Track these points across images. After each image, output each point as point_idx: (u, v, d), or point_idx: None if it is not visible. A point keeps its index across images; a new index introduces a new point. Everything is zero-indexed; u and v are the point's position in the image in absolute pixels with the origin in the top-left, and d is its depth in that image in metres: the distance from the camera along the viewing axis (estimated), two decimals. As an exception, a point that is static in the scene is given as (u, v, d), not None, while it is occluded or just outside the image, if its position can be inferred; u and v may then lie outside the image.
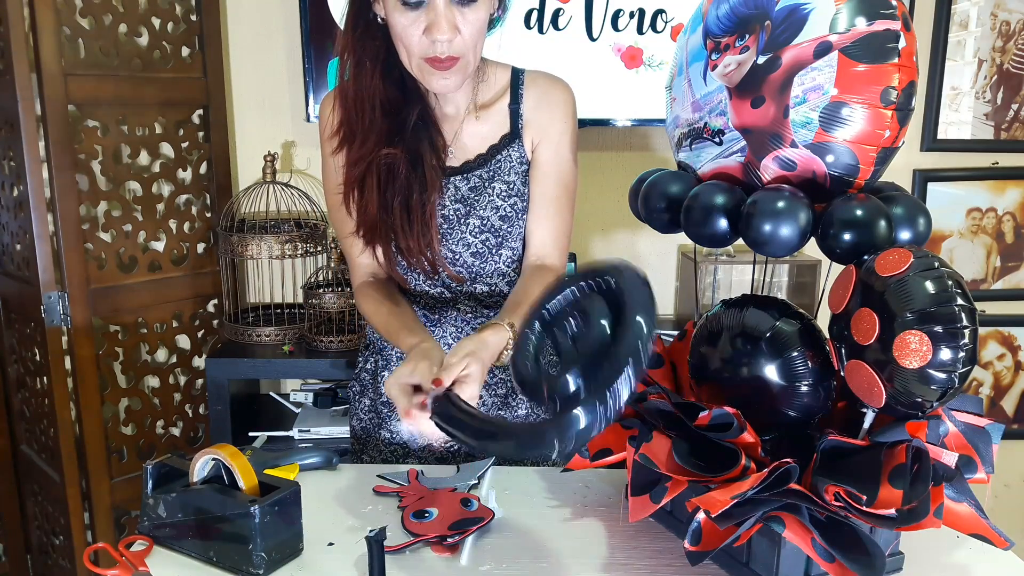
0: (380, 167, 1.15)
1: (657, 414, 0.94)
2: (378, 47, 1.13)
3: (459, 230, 1.20)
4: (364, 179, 1.16)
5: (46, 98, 1.68)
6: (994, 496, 2.45)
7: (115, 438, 1.91)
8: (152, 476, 0.96)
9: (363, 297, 1.24)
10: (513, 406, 1.27)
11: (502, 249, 1.23)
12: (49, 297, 1.74)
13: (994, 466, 0.90)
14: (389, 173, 1.16)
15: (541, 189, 1.22)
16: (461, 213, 1.20)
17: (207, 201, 2.03)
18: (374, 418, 1.30)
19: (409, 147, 1.16)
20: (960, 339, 0.76)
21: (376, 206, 1.16)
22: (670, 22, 1.96)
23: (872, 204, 0.87)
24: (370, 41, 1.13)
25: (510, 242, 1.23)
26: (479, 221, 1.20)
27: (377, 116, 1.15)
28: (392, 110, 1.16)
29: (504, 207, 1.21)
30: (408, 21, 1.06)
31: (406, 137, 1.16)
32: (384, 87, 1.14)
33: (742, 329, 0.93)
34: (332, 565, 0.93)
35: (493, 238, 1.21)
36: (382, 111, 1.15)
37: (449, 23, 1.05)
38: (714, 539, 0.84)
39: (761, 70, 0.90)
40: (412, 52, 1.09)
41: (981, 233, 2.30)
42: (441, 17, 1.04)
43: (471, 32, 1.08)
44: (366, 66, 1.14)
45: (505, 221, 1.21)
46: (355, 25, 1.13)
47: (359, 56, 1.14)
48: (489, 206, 1.20)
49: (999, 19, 2.16)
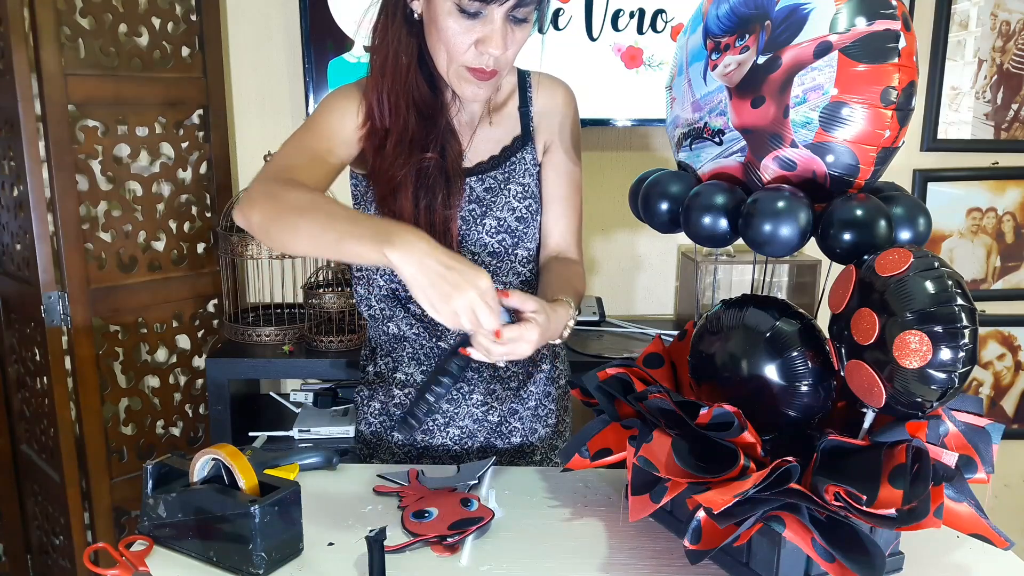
0: (413, 173, 1.14)
1: (658, 413, 0.94)
2: (412, 43, 1.12)
3: (476, 231, 1.21)
4: (401, 184, 1.15)
5: (46, 98, 1.68)
6: (994, 496, 2.45)
7: (115, 438, 1.91)
8: (152, 476, 0.96)
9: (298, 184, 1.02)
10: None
11: (518, 249, 1.24)
12: (49, 297, 1.74)
13: (994, 466, 0.90)
14: (419, 178, 1.15)
15: (555, 189, 1.26)
16: (477, 214, 1.21)
17: (207, 201, 2.03)
18: (385, 421, 1.30)
19: (439, 152, 1.16)
20: (960, 339, 0.76)
21: (411, 211, 1.15)
22: (670, 22, 1.96)
23: (872, 204, 0.87)
24: (406, 36, 1.12)
25: (526, 242, 1.25)
26: (496, 222, 1.21)
27: (412, 117, 1.14)
28: (426, 112, 1.15)
29: (520, 208, 1.22)
30: (461, 28, 1.04)
31: (437, 142, 1.15)
32: (419, 85, 1.13)
33: (742, 329, 0.93)
34: (332, 565, 0.93)
35: (509, 238, 1.23)
36: (416, 112, 1.14)
37: (504, 39, 1.05)
38: (714, 538, 0.84)
39: (761, 70, 0.90)
40: (455, 58, 1.07)
41: (981, 233, 2.30)
42: (498, 32, 1.04)
43: (515, 50, 1.09)
44: (402, 61, 1.12)
45: (521, 222, 1.23)
46: (392, 16, 1.12)
47: (396, 49, 1.12)
48: (506, 207, 1.21)
49: (999, 19, 2.16)
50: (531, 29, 1.09)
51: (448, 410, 1.26)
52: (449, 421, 1.26)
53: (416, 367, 1.26)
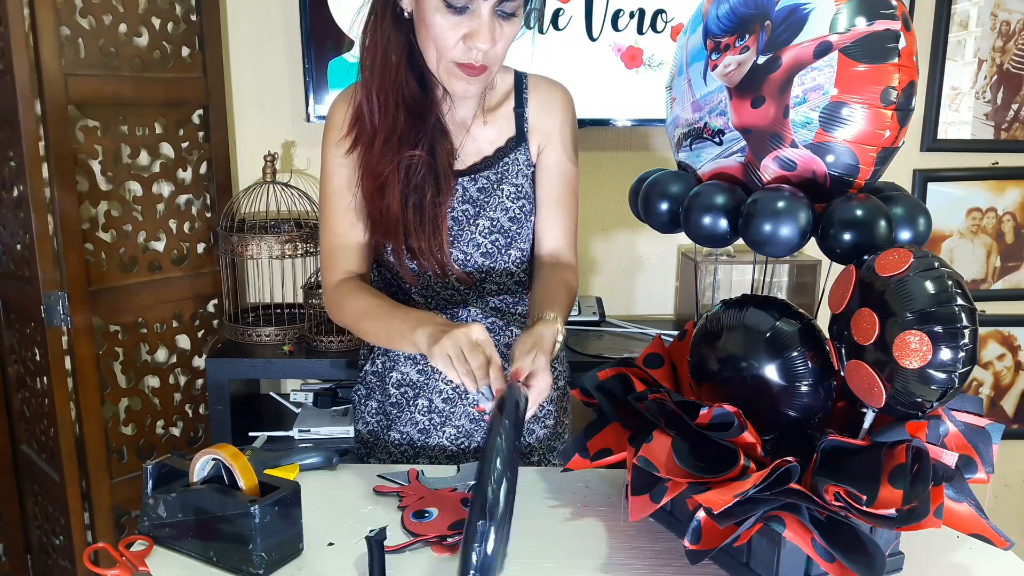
0: (401, 169, 1.15)
1: (658, 413, 0.94)
2: (402, 42, 1.13)
3: (469, 231, 1.21)
4: (387, 181, 1.16)
5: (46, 98, 1.68)
6: (994, 496, 2.45)
7: (115, 438, 1.91)
8: (152, 476, 0.96)
9: (352, 289, 1.19)
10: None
11: (511, 249, 1.24)
12: (49, 297, 1.74)
13: (994, 466, 0.90)
14: (407, 175, 1.16)
15: (549, 191, 1.25)
16: (470, 214, 1.21)
17: (207, 201, 2.03)
18: (382, 420, 1.30)
19: (428, 150, 1.16)
20: (960, 339, 0.76)
21: (398, 208, 1.16)
22: (670, 22, 1.96)
23: (872, 204, 0.87)
24: (395, 34, 1.12)
25: (519, 243, 1.25)
26: (489, 222, 1.21)
27: (401, 115, 1.14)
28: (415, 110, 1.15)
29: (513, 208, 1.22)
30: (449, 24, 1.05)
31: (426, 140, 1.16)
32: (408, 83, 1.14)
33: (742, 329, 0.93)
34: (332, 565, 0.93)
35: (503, 239, 1.23)
36: (405, 110, 1.15)
37: (491, 33, 1.05)
38: (714, 538, 0.84)
39: (761, 70, 0.90)
40: (444, 54, 1.08)
41: (981, 233, 2.30)
42: (485, 27, 1.05)
43: (504, 45, 1.09)
44: (391, 59, 1.13)
45: (515, 223, 1.23)
46: (382, 15, 1.12)
47: (385, 48, 1.13)
48: (499, 208, 1.21)
49: (999, 19, 2.16)
50: (520, 24, 1.10)
51: (444, 409, 1.26)
52: (445, 421, 1.26)
53: (412, 366, 1.27)
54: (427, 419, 1.26)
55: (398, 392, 1.27)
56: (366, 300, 1.16)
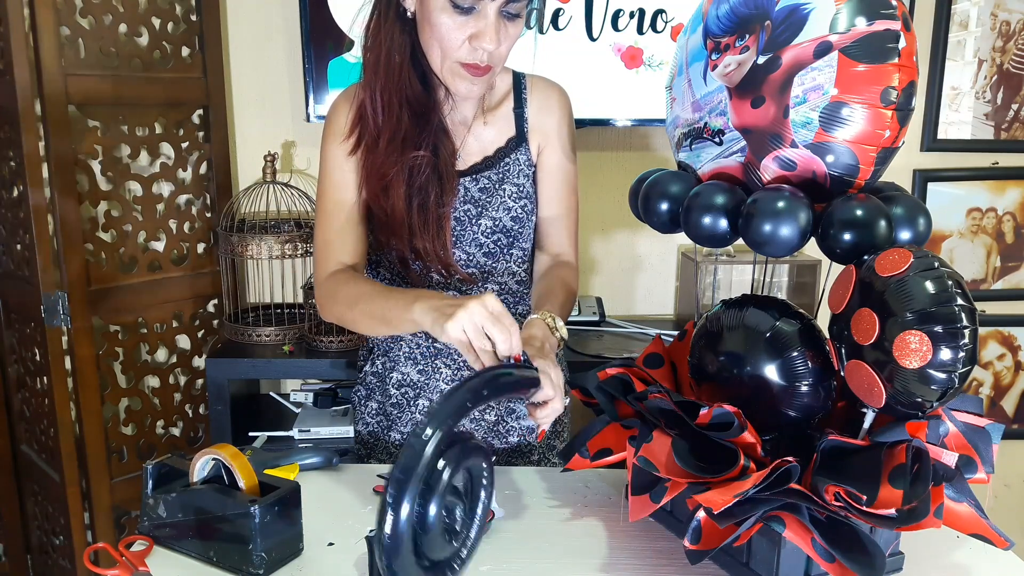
0: (405, 170, 1.15)
1: (658, 413, 0.94)
2: (405, 42, 1.13)
3: (471, 231, 1.21)
4: (392, 181, 1.15)
5: (46, 98, 1.68)
6: (994, 496, 2.45)
7: (115, 438, 1.91)
8: (152, 476, 0.96)
9: (347, 278, 1.16)
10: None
11: (513, 249, 1.25)
12: (49, 297, 1.74)
13: (994, 466, 0.90)
14: (411, 176, 1.16)
15: (550, 190, 1.26)
16: (472, 214, 1.21)
17: (207, 201, 2.03)
18: (383, 421, 1.30)
19: (431, 150, 1.16)
20: (960, 339, 0.76)
21: (403, 209, 1.16)
22: (670, 22, 1.96)
23: (872, 204, 0.87)
24: (399, 34, 1.12)
25: (520, 242, 1.25)
26: (491, 222, 1.22)
27: (404, 115, 1.14)
28: (418, 111, 1.15)
29: (515, 208, 1.23)
30: (454, 24, 1.06)
31: (429, 140, 1.16)
32: (411, 83, 1.14)
33: (742, 329, 0.93)
34: (332, 565, 0.93)
35: (504, 238, 1.23)
36: (409, 110, 1.15)
37: (497, 33, 1.06)
38: (714, 538, 0.84)
39: (761, 70, 0.90)
40: (448, 54, 1.08)
41: (981, 233, 2.30)
42: (491, 27, 1.05)
43: (508, 45, 1.10)
44: (395, 60, 1.13)
45: (516, 222, 1.23)
46: (386, 15, 1.12)
47: (388, 48, 1.13)
48: (501, 207, 1.22)
49: (999, 19, 2.16)
50: (523, 24, 1.10)
51: None
52: None
53: (412, 367, 1.27)
54: None
55: (399, 393, 1.27)
56: (360, 286, 1.13)
